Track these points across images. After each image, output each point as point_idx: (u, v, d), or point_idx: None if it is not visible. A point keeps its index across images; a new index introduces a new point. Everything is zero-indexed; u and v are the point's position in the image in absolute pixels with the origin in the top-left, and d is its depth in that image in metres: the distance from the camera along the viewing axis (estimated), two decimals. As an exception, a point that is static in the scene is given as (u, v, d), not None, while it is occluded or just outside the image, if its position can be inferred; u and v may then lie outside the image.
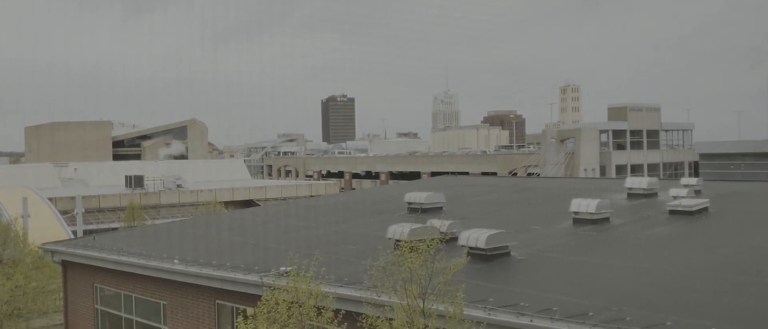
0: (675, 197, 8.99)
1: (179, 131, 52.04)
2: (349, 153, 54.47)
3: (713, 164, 30.76)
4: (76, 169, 35.65)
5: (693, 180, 11.05)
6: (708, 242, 7.01)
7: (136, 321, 8.14)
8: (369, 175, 43.85)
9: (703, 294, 5.00)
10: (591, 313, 4.44)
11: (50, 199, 23.46)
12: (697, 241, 7.10)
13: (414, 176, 36.78)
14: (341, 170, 46.78)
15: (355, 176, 45.07)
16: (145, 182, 29.51)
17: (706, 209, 8.28)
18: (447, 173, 30.08)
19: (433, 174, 33.02)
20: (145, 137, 52.52)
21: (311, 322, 4.78)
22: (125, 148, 50.91)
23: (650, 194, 9.89)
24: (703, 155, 32.03)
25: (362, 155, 52.44)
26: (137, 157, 47.92)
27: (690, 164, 35.68)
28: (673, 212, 8.22)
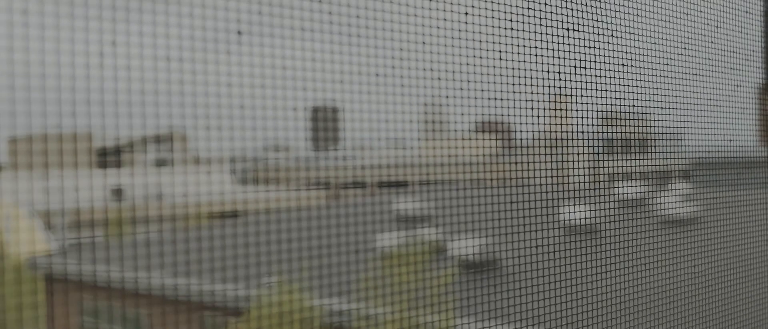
0: (666, 205, 8.97)
1: (161, 141, 51.82)
2: (336, 162, 54.37)
3: (705, 171, 31.04)
4: (56, 180, 35.42)
5: (685, 187, 11.06)
6: (699, 250, 6.97)
7: (119, 335, 8.01)
8: (356, 184, 43.79)
9: (695, 303, 4.92)
10: (582, 323, 4.35)
11: (31, 211, 23.28)
12: (688, 249, 7.06)
13: (402, 184, 36.77)
14: (328, 179, 46.72)
15: (342, 185, 45.02)
16: (127, 193, 29.32)
17: (697, 217, 8.26)
18: (436, 181, 30.12)
19: (422, 183, 33.06)
20: (126, 147, 52.30)
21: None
22: (106, 158, 50.66)
23: (641, 202, 9.87)
24: (695, 163, 32.29)
25: (349, 163, 52.34)
26: (118, 167, 47.67)
27: (682, 171, 35.97)
28: (664, 220, 8.19)
